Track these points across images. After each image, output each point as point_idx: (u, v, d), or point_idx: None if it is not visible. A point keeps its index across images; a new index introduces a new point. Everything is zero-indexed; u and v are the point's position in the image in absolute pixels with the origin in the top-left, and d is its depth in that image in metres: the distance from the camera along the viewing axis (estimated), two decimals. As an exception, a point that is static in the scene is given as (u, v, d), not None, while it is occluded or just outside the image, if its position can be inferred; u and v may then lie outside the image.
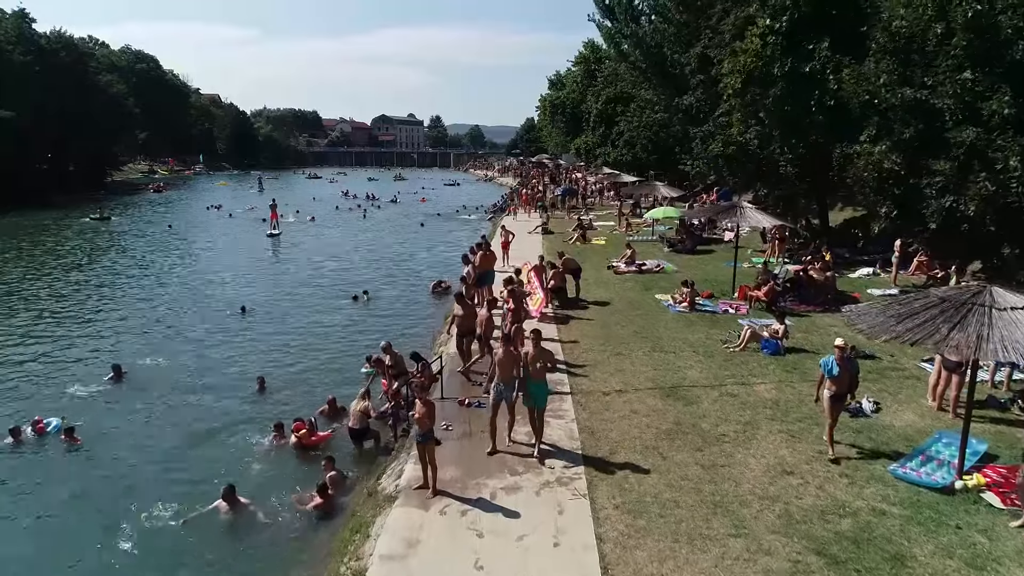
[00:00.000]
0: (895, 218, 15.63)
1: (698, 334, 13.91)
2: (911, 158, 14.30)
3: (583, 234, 27.32)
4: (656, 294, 17.57)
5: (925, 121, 13.93)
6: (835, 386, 8.35)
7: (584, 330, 14.31)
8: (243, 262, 27.74)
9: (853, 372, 9.02)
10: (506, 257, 22.15)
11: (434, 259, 28.92)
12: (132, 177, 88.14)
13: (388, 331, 17.55)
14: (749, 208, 16.79)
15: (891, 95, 14.31)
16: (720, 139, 21.72)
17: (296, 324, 18.09)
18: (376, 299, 20.95)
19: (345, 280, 24.04)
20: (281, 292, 22.04)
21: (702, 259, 23.12)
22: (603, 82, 57.56)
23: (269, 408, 12.29)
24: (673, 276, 20.00)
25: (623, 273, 20.54)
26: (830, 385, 8.37)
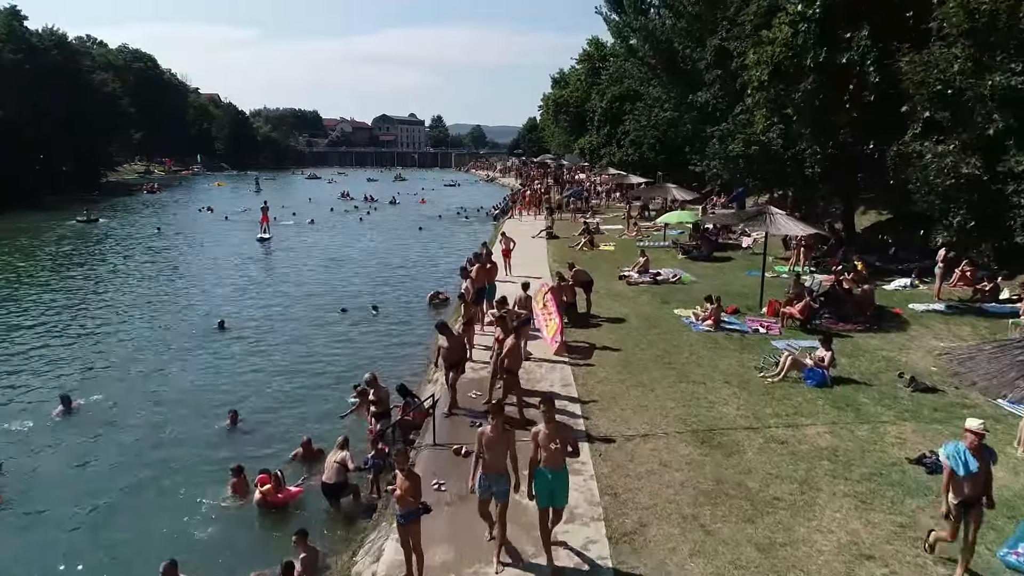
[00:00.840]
0: (970, 230, 13.69)
1: (728, 359, 12.23)
2: (991, 159, 12.41)
3: (591, 239, 25.64)
4: (675, 308, 15.88)
5: (1016, 114, 11.95)
6: (969, 488, 5.88)
7: (599, 353, 12.64)
8: (229, 269, 26.09)
9: (990, 465, 6.03)
10: (508, 266, 20.50)
11: (433, 266, 27.26)
12: (128, 178, 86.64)
13: (380, 350, 15.92)
14: (780, 215, 15.09)
15: (977, 83, 12.30)
16: (740, 138, 20.04)
17: (279, 342, 16.42)
18: (369, 312, 19.26)
19: (336, 290, 22.39)
20: (265, 304, 20.38)
21: (720, 267, 21.42)
22: (608, 80, 55.89)
23: (237, 448, 10.64)
24: (692, 288, 18.31)
25: (637, 283, 18.86)
26: (961, 486, 5.91)
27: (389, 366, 14.49)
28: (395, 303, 20.58)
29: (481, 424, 8.26)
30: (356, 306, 19.84)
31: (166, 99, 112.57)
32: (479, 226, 39.87)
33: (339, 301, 20.38)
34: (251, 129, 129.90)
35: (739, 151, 19.83)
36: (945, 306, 15.69)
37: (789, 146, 18.73)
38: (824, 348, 11.00)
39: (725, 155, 21.24)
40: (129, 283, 23.55)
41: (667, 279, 19.04)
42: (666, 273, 19.79)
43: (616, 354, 12.59)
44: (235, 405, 12.05)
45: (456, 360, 9.88)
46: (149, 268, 26.53)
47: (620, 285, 18.94)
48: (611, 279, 19.53)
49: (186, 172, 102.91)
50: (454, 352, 9.84)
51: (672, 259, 23.00)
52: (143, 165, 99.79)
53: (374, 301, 19.91)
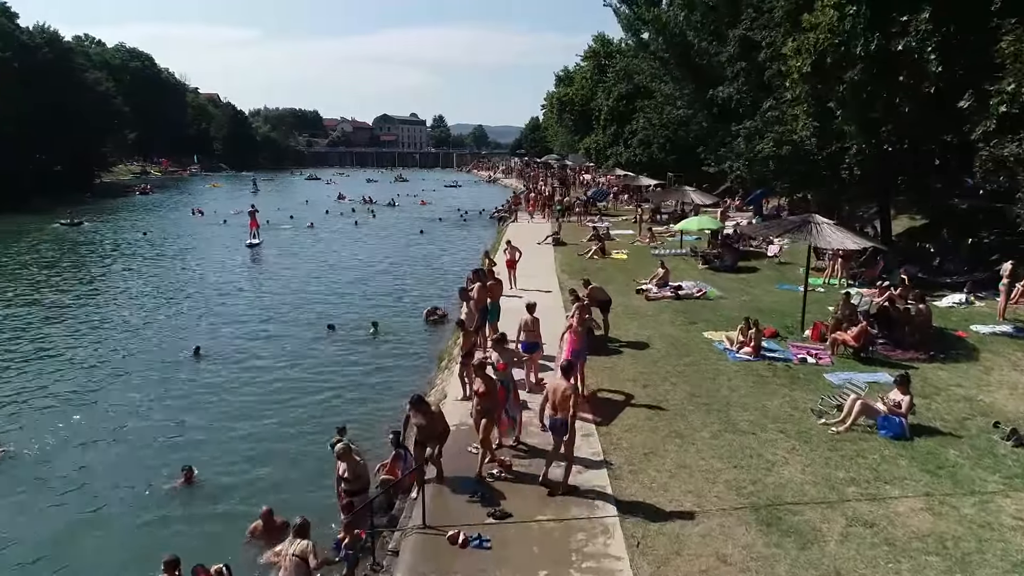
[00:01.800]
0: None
1: (777, 398, 10.29)
2: None
3: (602, 247, 23.68)
4: (705, 331, 13.94)
5: None
6: None
7: (622, 389, 10.71)
8: (213, 279, 24.12)
9: None
10: (512, 278, 18.56)
11: (432, 275, 25.21)
12: (123, 179, 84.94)
13: (371, 378, 13.98)
14: (826, 225, 13.13)
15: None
16: (771, 137, 18.09)
17: (259, 371, 14.38)
18: (361, 330, 17.30)
19: (326, 303, 20.38)
20: (248, 321, 18.37)
21: (746, 280, 19.46)
22: (615, 77, 53.96)
23: (186, 519, 8.69)
24: (719, 304, 16.37)
25: (657, 299, 16.92)
26: None
27: (375, 402, 12.56)
28: (391, 318, 18.59)
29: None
30: (347, 322, 17.89)
31: (164, 98, 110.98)
32: (481, 230, 37.95)
33: (329, 316, 18.44)
34: (250, 129, 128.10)
35: (769, 151, 17.89)
36: (1013, 327, 13.76)
37: (825, 145, 16.79)
38: (900, 390, 9.05)
39: (752, 156, 19.25)
40: (100, 297, 21.56)
41: (690, 294, 17.09)
42: (688, 287, 17.84)
43: (643, 391, 10.65)
44: (195, 456, 10.13)
45: (436, 436, 7.85)
46: (126, 279, 24.57)
47: (638, 300, 17.00)
48: (627, 293, 17.61)
49: (183, 173, 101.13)
50: (432, 430, 7.77)
51: (691, 269, 21.06)
52: (139, 166, 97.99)
53: (373, 318, 17.91)
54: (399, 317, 18.82)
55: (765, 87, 20.18)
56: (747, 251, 22.96)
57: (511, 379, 8.65)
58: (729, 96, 23.58)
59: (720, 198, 33.72)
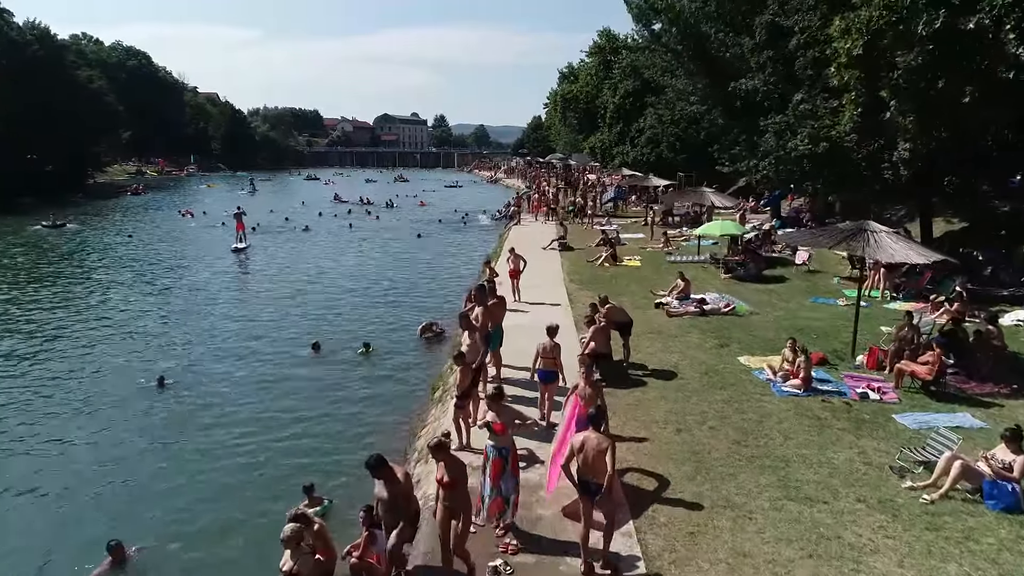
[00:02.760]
0: None
1: (843, 448, 8.39)
2: None
3: (613, 253, 21.77)
4: (740, 355, 12.05)
5: None
6: None
7: (650, 435, 8.82)
8: (191, 290, 22.15)
9: None
10: (516, 289, 16.71)
11: (430, 283, 23.31)
12: (118, 179, 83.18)
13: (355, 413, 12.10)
14: (884, 234, 11.21)
15: None
16: (806, 133, 16.18)
17: (228, 404, 12.44)
18: (347, 351, 15.39)
19: (313, 316, 18.48)
20: (224, 341, 16.35)
21: (775, 291, 17.54)
22: (620, 74, 52.07)
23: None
24: (751, 322, 14.46)
25: (679, 314, 15.01)
26: None
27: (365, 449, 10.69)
28: (383, 335, 16.69)
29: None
30: (334, 341, 15.99)
31: (161, 97, 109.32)
32: (482, 233, 36.07)
33: (314, 332, 16.57)
34: (249, 129, 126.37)
35: (804, 149, 15.97)
36: (1098, 352, 11.84)
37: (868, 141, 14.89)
38: (1011, 447, 7.15)
39: (783, 154, 17.32)
40: (62, 308, 19.62)
41: (716, 308, 15.17)
42: (713, 300, 15.94)
43: (677, 437, 8.76)
44: (131, 525, 8.29)
45: (401, 515, 5.87)
46: (97, 286, 22.70)
47: (658, 316, 15.10)
48: (645, 306, 15.72)
49: (179, 173, 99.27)
50: (394, 505, 5.85)
51: (712, 278, 19.16)
52: (135, 166, 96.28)
53: (363, 335, 16.02)
54: (393, 333, 16.89)
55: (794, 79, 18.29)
56: (770, 257, 21.07)
57: (511, 446, 6.76)
58: (754, 89, 21.61)
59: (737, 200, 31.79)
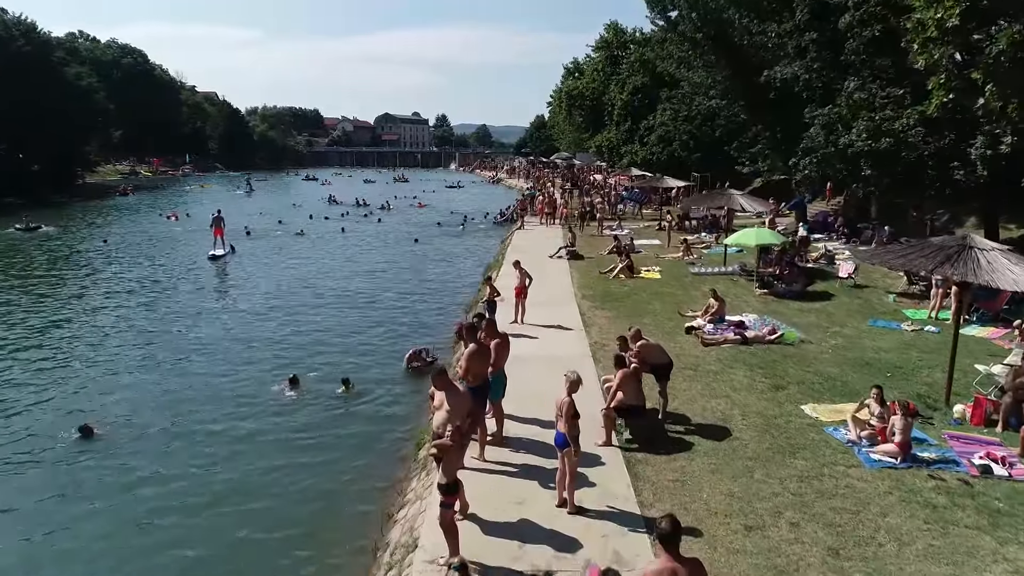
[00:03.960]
0: None
1: (988, 565, 5.93)
2: None
3: (629, 264, 19.30)
4: (803, 403, 9.60)
5: None
6: None
7: (708, 535, 6.37)
8: (156, 305, 19.42)
9: None
10: (521, 309, 14.28)
11: (424, 300, 20.34)
12: (110, 179, 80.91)
13: (329, 476, 9.64)
14: (995, 251, 8.75)
15: None
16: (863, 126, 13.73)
17: (168, 459, 10.03)
18: (326, 385, 12.87)
19: (291, 341, 15.80)
20: (180, 377, 13.64)
21: (824, 311, 15.07)
22: (629, 69, 49.70)
23: None
24: (805, 353, 11.99)
25: (715, 342, 12.55)
26: None
27: (338, 528, 8.25)
28: (368, 365, 14.19)
29: None
30: (315, 371, 13.50)
31: (156, 96, 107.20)
32: (482, 238, 33.61)
33: (291, 361, 14.09)
34: (247, 128, 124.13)
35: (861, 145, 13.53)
36: None
37: (938, 135, 12.45)
38: None
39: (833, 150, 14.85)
40: (12, 334, 17.01)
41: (760, 335, 12.70)
42: (754, 324, 13.49)
43: (747, 539, 6.30)
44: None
45: None
46: (49, 304, 19.96)
47: (690, 344, 12.65)
48: (674, 332, 13.29)
49: (174, 173, 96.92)
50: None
51: (745, 293, 16.72)
52: (129, 166, 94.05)
53: (344, 367, 13.53)
54: (379, 362, 14.29)
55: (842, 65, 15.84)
56: (807, 269, 18.59)
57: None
58: (793, 76, 19.07)
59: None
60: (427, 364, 13.53)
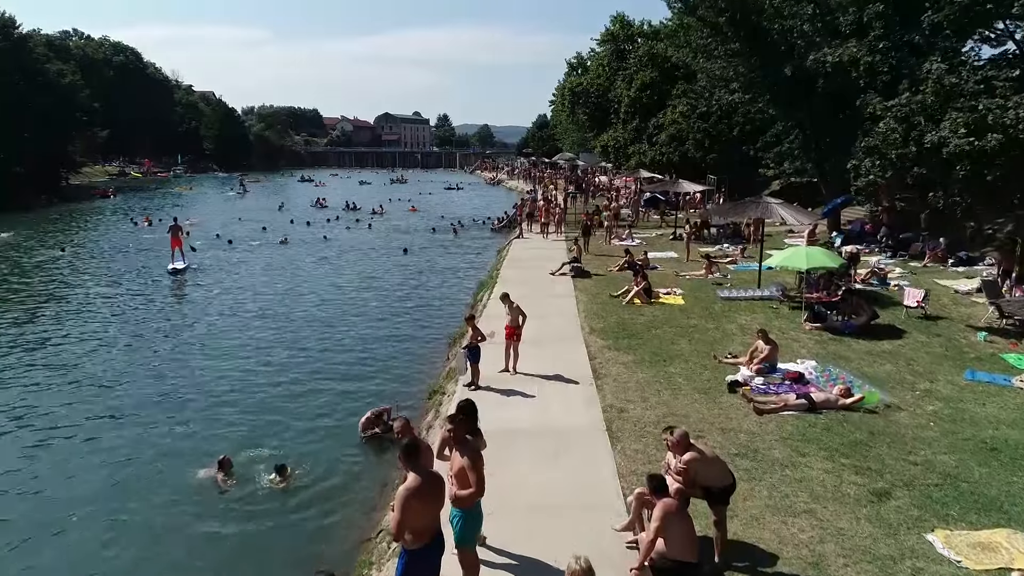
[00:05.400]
0: None
1: None
2: None
3: (646, 286, 16.08)
4: (927, 528, 6.43)
5: None
6: None
7: None
8: (81, 343, 15.88)
9: None
10: (512, 355, 11.14)
11: (402, 335, 16.53)
12: (98, 180, 77.95)
13: None
14: None
15: None
16: (960, 119, 10.59)
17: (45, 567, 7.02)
18: (258, 466, 9.61)
19: (226, 400, 12.29)
20: (89, 452, 10.37)
21: (900, 354, 11.84)
22: (636, 63, 46.45)
23: None
24: (899, 426, 8.78)
25: (772, 409, 9.35)
26: None
27: None
28: (318, 431, 10.96)
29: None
30: (249, 451, 10.18)
31: (150, 95, 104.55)
32: (478, 248, 30.50)
33: (225, 431, 10.94)
34: (243, 128, 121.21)
35: (961, 144, 10.40)
36: None
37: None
38: None
39: (915, 151, 11.69)
40: None
41: (831, 399, 9.45)
42: (817, 378, 10.31)
43: None
44: None
45: None
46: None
47: (736, 407, 9.47)
48: (713, 390, 10.13)
49: (165, 175, 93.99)
50: None
51: (789, 326, 13.54)
52: (118, 166, 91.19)
53: (292, 442, 10.26)
54: (333, 424, 11.11)
55: (915, 48, 12.70)
56: (865, 294, 15.35)
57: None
58: (851, 60, 15.79)
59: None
60: (387, 428, 10.39)
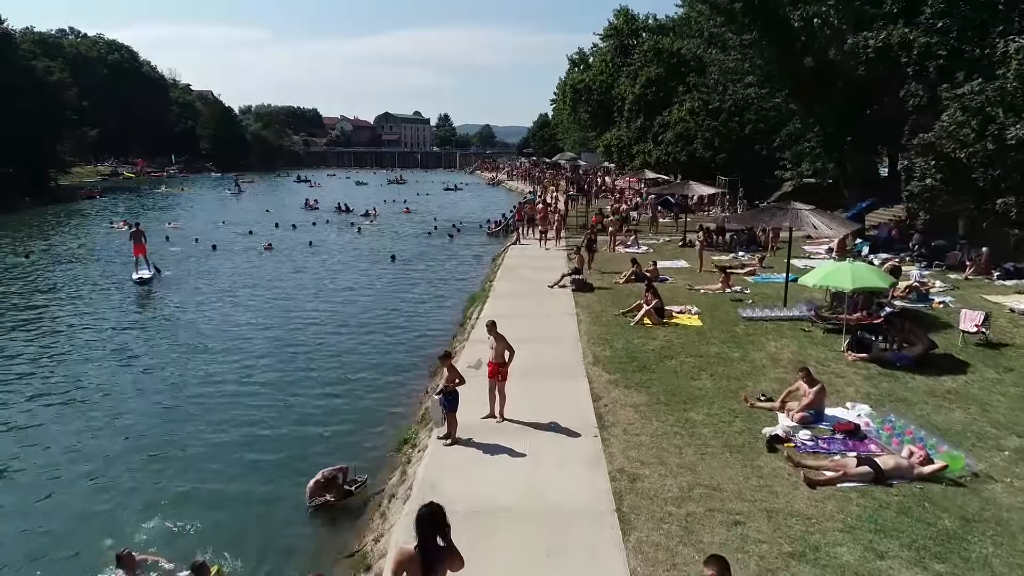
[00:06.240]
0: None
1: None
2: None
3: (658, 304, 14.02)
4: None
5: None
6: None
7: None
8: (15, 375, 14.14)
9: None
10: (497, 398, 9.15)
11: (375, 365, 13.95)
12: (88, 180, 76.06)
13: None
14: None
15: None
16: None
17: None
18: (169, 559, 7.34)
19: (154, 457, 9.96)
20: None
21: (964, 394, 9.80)
22: (641, 59, 44.46)
23: None
24: (998, 508, 6.70)
25: (826, 480, 7.27)
26: None
27: None
28: (257, 503, 8.79)
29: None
30: (166, 528, 8.11)
31: (145, 94, 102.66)
32: (472, 255, 28.50)
33: (148, 492, 8.90)
34: (240, 127, 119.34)
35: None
36: None
37: None
38: None
39: (992, 148, 9.66)
40: None
41: (902, 468, 7.36)
42: (876, 430, 8.28)
43: None
44: None
45: None
46: None
47: (779, 476, 7.42)
48: (745, 446, 8.10)
49: (160, 175, 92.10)
50: None
51: (829, 355, 11.49)
52: (110, 167, 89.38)
53: (199, 538, 8.01)
54: (274, 490, 8.97)
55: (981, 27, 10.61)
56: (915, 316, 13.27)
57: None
58: (901, 42, 13.66)
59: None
60: (345, 497, 8.36)
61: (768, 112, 25.97)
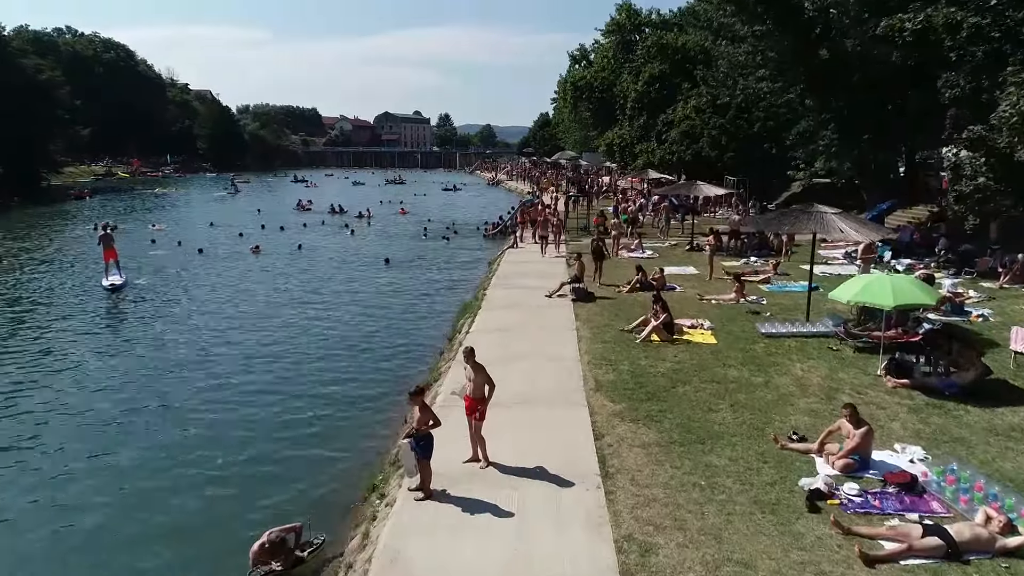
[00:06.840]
0: None
1: None
2: None
3: (667, 319, 12.57)
4: None
5: None
6: None
7: None
8: None
9: None
10: (479, 443, 7.69)
11: (352, 392, 12.34)
12: (81, 180, 74.80)
13: None
14: None
15: None
16: None
17: None
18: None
19: (90, 508, 8.84)
20: None
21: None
22: (644, 55, 43.01)
23: None
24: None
25: (886, 554, 5.85)
26: None
27: None
28: (194, 570, 7.46)
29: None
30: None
31: (141, 93, 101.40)
32: (468, 258, 27.09)
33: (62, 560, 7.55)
34: (237, 127, 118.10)
35: None
36: None
37: None
38: None
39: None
40: None
41: (980, 540, 5.94)
42: (936, 483, 6.85)
43: None
44: None
45: None
46: None
47: (826, 549, 5.99)
48: (780, 503, 6.66)
49: (155, 174, 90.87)
50: None
51: (864, 380, 10.05)
52: (104, 166, 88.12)
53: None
54: (212, 551, 7.58)
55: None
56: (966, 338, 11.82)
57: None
58: (947, 23, 12.14)
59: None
60: (294, 565, 6.92)
61: (779, 108, 24.50)
